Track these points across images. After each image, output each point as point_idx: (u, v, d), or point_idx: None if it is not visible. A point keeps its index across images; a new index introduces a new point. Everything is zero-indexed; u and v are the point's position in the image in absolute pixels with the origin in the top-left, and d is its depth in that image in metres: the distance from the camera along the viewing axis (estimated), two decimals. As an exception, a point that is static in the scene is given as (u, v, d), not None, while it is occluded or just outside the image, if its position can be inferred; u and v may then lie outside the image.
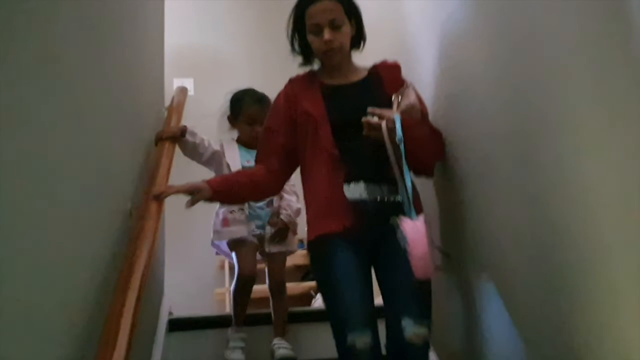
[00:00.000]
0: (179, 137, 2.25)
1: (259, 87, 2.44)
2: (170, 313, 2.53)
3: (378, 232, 1.66)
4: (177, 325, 2.43)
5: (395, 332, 1.58)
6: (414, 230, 1.52)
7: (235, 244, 2.30)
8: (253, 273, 2.28)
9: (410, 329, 1.55)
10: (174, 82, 3.37)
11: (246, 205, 2.30)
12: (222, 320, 2.44)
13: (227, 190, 1.79)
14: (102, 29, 1.45)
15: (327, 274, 1.65)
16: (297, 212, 2.34)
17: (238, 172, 2.05)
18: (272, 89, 2.35)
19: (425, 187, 1.90)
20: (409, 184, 1.58)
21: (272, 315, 2.34)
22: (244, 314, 2.33)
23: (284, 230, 2.31)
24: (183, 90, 2.75)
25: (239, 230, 2.28)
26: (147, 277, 1.45)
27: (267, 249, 2.31)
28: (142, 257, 1.45)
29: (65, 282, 1.09)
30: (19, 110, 0.89)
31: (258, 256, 2.36)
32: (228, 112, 2.44)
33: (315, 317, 2.43)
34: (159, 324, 2.31)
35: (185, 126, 2.30)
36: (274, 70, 3.52)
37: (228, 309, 3.28)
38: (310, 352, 2.30)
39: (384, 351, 1.61)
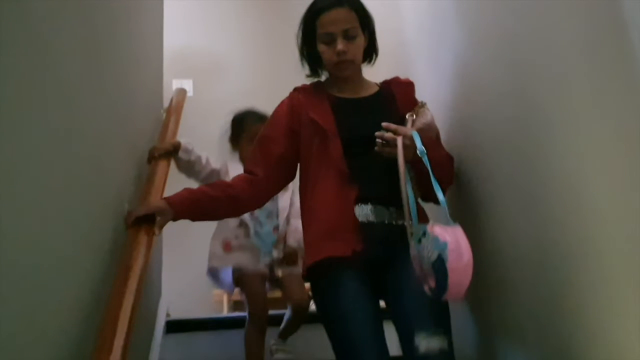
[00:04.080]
0: (172, 153, 2.10)
1: (258, 88, 2.45)
2: (168, 315, 2.53)
3: (383, 257, 1.55)
4: (175, 327, 2.43)
5: (410, 353, 1.42)
6: (455, 236, 1.31)
7: (241, 277, 2.17)
8: (266, 309, 2.15)
9: (424, 343, 1.39)
10: (173, 83, 3.37)
11: (252, 230, 2.19)
12: (220, 322, 2.44)
13: (193, 208, 1.61)
14: (99, 29, 1.44)
15: (334, 307, 1.51)
16: None
17: (211, 185, 1.78)
18: (271, 90, 2.35)
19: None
20: (442, 199, 1.40)
21: (285, 322, 2.25)
22: None
23: (293, 255, 2.20)
24: (182, 92, 2.75)
25: (245, 258, 2.16)
26: (144, 279, 1.44)
27: (278, 273, 2.21)
28: (139, 258, 1.44)
29: (61, 284, 1.08)
30: (13, 112, 0.89)
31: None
32: (229, 134, 2.36)
33: (314, 318, 2.42)
34: (156, 326, 2.31)
35: (179, 142, 2.13)
36: (273, 71, 3.54)
37: (226, 310, 3.28)
38: (307, 353, 2.30)
39: None
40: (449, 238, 1.30)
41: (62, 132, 1.11)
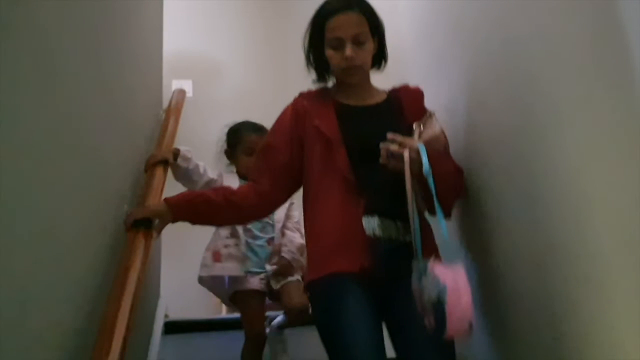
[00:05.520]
0: (171, 160, 2.03)
1: (258, 89, 2.45)
2: (166, 316, 2.52)
3: (389, 276, 1.46)
4: (173, 328, 2.43)
5: None
6: (455, 278, 1.25)
7: (238, 296, 2.13)
8: (264, 329, 2.11)
9: None
10: (172, 84, 3.36)
11: (243, 241, 2.15)
12: (218, 323, 2.44)
13: (192, 212, 1.56)
14: (99, 30, 1.44)
15: (335, 326, 1.42)
16: (301, 248, 2.14)
17: (215, 189, 1.72)
18: (271, 91, 2.36)
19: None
20: (443, 226, 1.34)
21: (281, 321, 2.21)
22: None
23: (287, 268, 2.15)
24: (181, 92, 2.75)
25: (233, 268, 2.12)
26: (143, 280, 1.44)
27: (275, 286, 2.15)
28: (137, 260, 1.44)
29: (60, 285, 1.08)
30: (13, 112, 0.89)
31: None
32: (225, 146, 2.33)
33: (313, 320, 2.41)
34: (154, 327, 2.30)
35: (178, 149, 2.08)
36: (273, 72, 3.54)
37: (224, 311, 3.28)
38: (304, 354, 2.29)
39: None
40: (448, 281, 1.24)
41: (61, 132, 1.11)
